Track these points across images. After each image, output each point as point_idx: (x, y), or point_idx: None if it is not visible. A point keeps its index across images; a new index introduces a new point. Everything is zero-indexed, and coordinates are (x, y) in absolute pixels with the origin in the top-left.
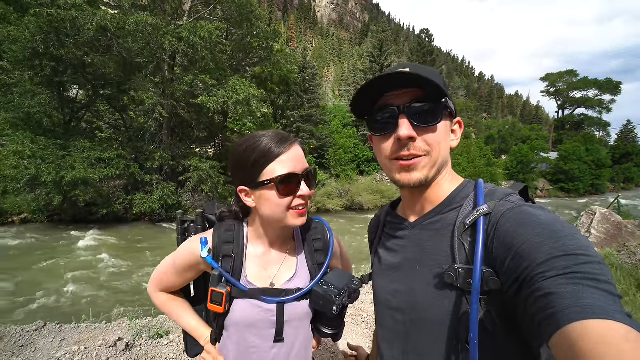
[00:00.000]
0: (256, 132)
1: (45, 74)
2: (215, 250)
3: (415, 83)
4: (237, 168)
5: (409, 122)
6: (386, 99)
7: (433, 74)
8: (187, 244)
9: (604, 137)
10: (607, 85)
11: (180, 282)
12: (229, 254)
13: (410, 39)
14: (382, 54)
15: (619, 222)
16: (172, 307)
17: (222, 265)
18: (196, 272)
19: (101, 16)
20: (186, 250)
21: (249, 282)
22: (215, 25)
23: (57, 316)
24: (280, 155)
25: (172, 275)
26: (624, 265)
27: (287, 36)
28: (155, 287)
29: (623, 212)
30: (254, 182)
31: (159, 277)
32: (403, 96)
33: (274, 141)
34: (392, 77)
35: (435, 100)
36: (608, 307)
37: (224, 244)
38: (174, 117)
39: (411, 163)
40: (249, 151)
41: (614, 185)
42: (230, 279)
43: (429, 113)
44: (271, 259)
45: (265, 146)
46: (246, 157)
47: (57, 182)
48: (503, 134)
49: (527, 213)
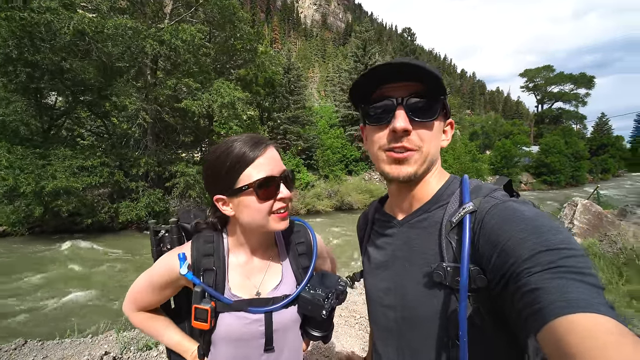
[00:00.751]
0: (228, 138)
1: (20, 80)
2: (195, 265)
3: (415, 77)
4: (212, 177)
5: (405, 115)
6: (384, 90)
7: (434, 69)
8: (164, 260)
9: (581, 130)
10: (581, 80)
11: (158, 300)
12: (210, 267)
13: (393, 39)
14: (366, 54)
15: (600, 212)
16: (151, 325)
17: (203, 280)
18: (175, 288)
19: (78, 20)
20: (163, 266)
21: (233, 295)
22: (197, 28)
23: (39, 333)
24: (255, 159)
25: (149, 293)
26: (605, 254)
27: (271, 38)
28: (130, 306)
29: (603, 202)
30: (230, 190)
31: (134, 297)
32: (402, 88)
33: (247, 145)
34: (395, 67)
35: (434, 96)
36: (592, 300)
37: (203, 257)
38: (159, 122)
39: (403, 156)
40: (222, 158)
41: (593, 176)
42: (214, 293)
43: (426, 108)
44: (254, 267)
45: (239, 151)
46: (220, 165)
47: (37, 192)
48: (486, 129)
49: (511, 209)
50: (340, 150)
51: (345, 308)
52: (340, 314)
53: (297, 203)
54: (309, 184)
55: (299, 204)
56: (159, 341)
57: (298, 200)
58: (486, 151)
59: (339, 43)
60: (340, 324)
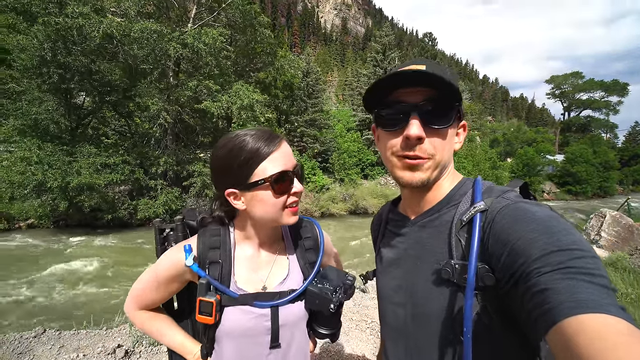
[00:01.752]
0: (236, 131)
1: (52, 81)
2: (200, 257)
3: (430, 83)
4: (223, 170)
5: (419, 122)
6: (398, 95)
7: (451, 76)
8: (169, 254)
9: (611, 139)
10: (613, 87)
11: (163, 296)
12: (216, 260)
13: (414, 43)
14: (386, 58)
15: (630, 225)
16: (153, 325)
17: (209, 273)
18: (181, 283)
19: (107, 24)
20: (168, 260)
21: (239, 288)
22: (219, 32)
23: (58, 322)
24: (271, 154)
25: (153, 289)
26: (636, 269)
27: (291, 42)
28: (133, 305)
29: (634, 215)
30: (243, 184)
31: (138, 294)
32: (417, 94)
33: (261, 139)
34: (409, 75)
35: (449, 103)
36: (602, 300)
37: (209, 250)
38: (179, 123)
39: (416, 163)
40: (235, 151)
41: (623, 187)
42: (219, 286)
43: (441, 116)
44: (261, 261)
45: (254, 145)
46: (232, 158)
47: (63, 187)
48: (508, 136)
49: (523, 209)
50: (356, 154)
51: (356, 312)
52: (351, 317)
53: (312, 205)
54: (324, 186)
55: (313, 207)
56: (161, 342)
57: (312, 203)
58: (507, 159)
59: (359, 48)
60: (352, 328)
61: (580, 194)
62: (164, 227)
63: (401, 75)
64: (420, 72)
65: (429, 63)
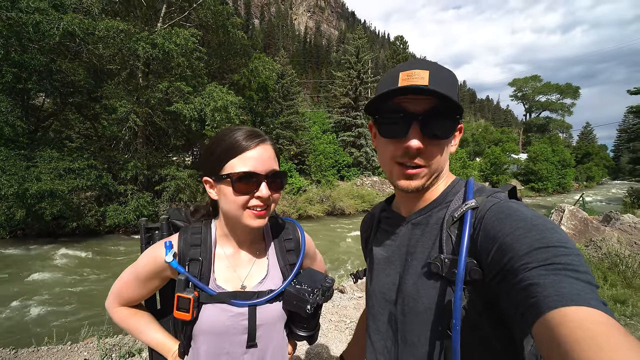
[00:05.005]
0: (236, 125)
1: (6, 80)
2: (181, 254)
3: (434, 95)
4: (204, 158)
5: (420, 133)
6: (400, 101)
7: (453, 85)
8: (150, 250)
9: (567, 139)
10: (567, 90)
11: (144, 293)
12: (196, 257)
13: (386, 46)
14: (359, 61)
15: (585, 218)
16: (133, 322)
17: (189, 270)
18: (161, 280)
19: (68, 21)
20: (149, 256)
21: (218, 286)
22: (190, 32)
23: (14, 341)
24: (244, 152)
25: (134, 286)
26: (591, 259)
27: (265, 43)
28: (114, 301)
29: (588, 209)
30: (215, 175)
31: (119, 290)
32: (419, 103)
33: (242, 136)
34: (418, 91)
35: (450, 116)
36: (585, 294)
37: (190, 247)
38: (149, 125)
39: (414, 172)
40: (217, 143)
41: (578, 183)
42: (197, 283)
43: (442, 128)
44: (241, 260)
45: (233, 140)
46: (213, 148)
47: (20, 194)
48: (476, 137)
49: (512, 208)
50: (332, 155)
51: (335, 313)
52: (330, 319)
53: (289, 207)
54: (301, 188)
55: (290, 209)
56: (140, 339)
57: (289, 205)
58: (476, 158)
59: (333, 50)
60: (330, 329)
61: (542, 191)
62: (150, 227)
63: (408, 88)
64: (428, 89)
65: (434, 68)
